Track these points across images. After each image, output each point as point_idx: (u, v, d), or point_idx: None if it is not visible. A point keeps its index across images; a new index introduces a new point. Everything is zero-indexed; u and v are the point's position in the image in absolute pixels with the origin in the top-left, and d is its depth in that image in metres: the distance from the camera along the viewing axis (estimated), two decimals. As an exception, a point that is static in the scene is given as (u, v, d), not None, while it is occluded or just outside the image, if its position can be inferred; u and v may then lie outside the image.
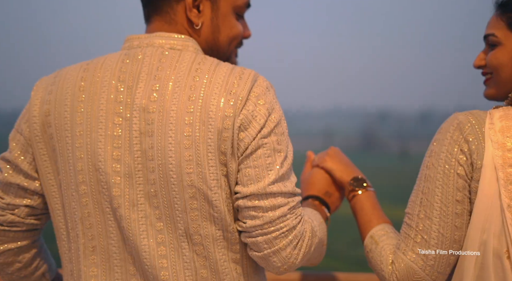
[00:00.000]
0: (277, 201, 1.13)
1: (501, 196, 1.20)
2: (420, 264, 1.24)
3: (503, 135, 1.22)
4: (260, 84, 1.15)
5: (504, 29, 1.29)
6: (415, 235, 1.24)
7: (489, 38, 1.31)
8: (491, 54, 1.31)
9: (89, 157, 1.15)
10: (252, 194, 1.12)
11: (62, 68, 1.23)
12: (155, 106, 1.13)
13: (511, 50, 1.28)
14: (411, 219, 1.25)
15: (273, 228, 1.13)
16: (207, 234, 1.14)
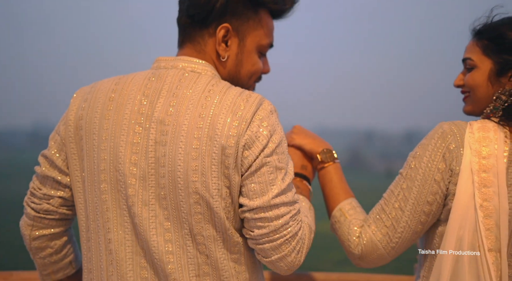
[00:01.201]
0: (280, 211, 1.26)
1: (475, 197, 1.36)
2: (384, 243, 1.43)
3: (480, 144, 1.39)
4: (265, 108, 1.27)
5: (480, 54, 1.46)
6: (386, 220, 1.42)
7: (467, 62, 1.49)
8: (468, 76, 1.48)
9: (111, 159, 1.29)
10: (258, 207, 1.25)
11: (99, 81, 1.39)
12: (170, 119, 1.27)
13: (485, 73, 1.45)
14: (387, 205, 1.43)
15: (278, 235, 1.27)
16: (208, 235, 1.27)
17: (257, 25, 1.37)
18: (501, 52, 1.43)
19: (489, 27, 1.47)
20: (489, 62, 1.45)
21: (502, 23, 1.45)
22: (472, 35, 1.51)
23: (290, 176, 1.29)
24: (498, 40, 1.44)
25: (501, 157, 1.38)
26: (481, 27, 1.49)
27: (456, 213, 1.38)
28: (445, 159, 1.39)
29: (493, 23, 1.48)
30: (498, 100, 1.44)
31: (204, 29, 1.35)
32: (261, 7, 1.37)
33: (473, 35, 1.50)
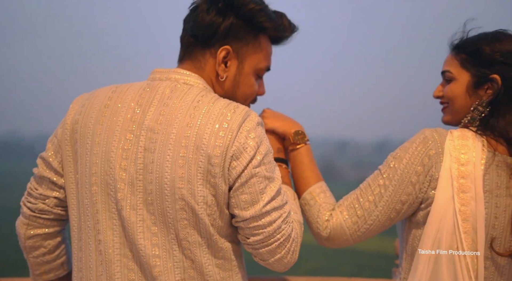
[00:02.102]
0: (272, 217, 1.31)
1: (455, 202, 1.44)
2: (352, 231, 1.50)
3: (459, 151, 1.46)
4: (252, 120, 1.32)
5: (458, 67, 1.54)
6: (359, 209, 1.49)
7: (446, 74, 1.57)
8: (447, 88, 1.56)
9: (102, 163, 1.34)
10: (251, 217, 1.31)
11: (99, 88, 1.44)
12: (160, 128, 1.31)
13: (463, 85, 1.53)
14: (362, 196, 1.50)
15: (272, 239, 1.33)
16: (194, 240, 1.31)
17: (256, 49, 1.43)
18: (478, 65, 1.51)
19: (466, 42, 1.55)
20: (467, 75, 1.53)
21: (479, 39, 1.54)
22: (451, 49, 1.59)
23: (278, 181, 1.34)
24: (475, 55, 1.52)
25: (478, 164, 1.45)
26: (459, 42, 1.57)
27: (434, 216, 1.45)
28: (424, 163, 1.46)
29: (470, 38, 1.56)
30: (476, 111, 1.52)
31: (206, 49, 1.40)
32: (261, 33, 1.43)
33: (451, 49, 1.58)
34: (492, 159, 1.47)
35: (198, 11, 1.40)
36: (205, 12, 1.39)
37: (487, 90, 1.51)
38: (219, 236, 1.33)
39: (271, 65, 1.50)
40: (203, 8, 1.40)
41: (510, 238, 1.46)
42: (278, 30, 1.44)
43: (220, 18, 1.38)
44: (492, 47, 1.50)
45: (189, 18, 1.43)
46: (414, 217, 1.51)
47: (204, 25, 1.38)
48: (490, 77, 1.50)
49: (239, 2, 1.38)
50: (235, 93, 1.44)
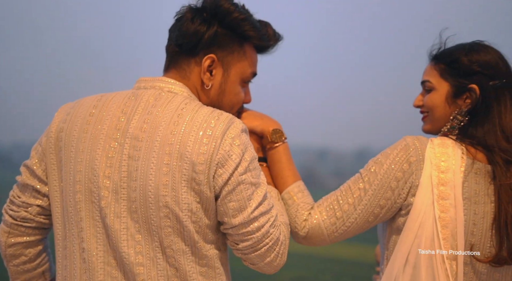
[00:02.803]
0: (260, 222, 1.33)
1: (435, 208, 1.46)
2: (330, 231, 1.52)
3: (439, 159, 1.49)
4: (236, 126, 1.33)
5: (437, 77, 1.57)
6: (338, 211, 1.51)
7: (425, 84, 1.60)
8: (427, 97, 1.59)
9: (87, 170, 1.34)
10: (240, 223, 1.32)
11: (84, 97, 1.45)
12: (144, 136, 1.32)
13: (443, 94, 1.56)
14: (342, 198, 1.52)
15: (261, 244, 1.35)
16: (178, 248, 1.32)
17: (241, 57, 1.44)
18: (457, 76, 1.55)
19: (444, 52, 1.59)
20: (446, 85, 1.56)
21: (457, 49, 1.57)
22: (430, 59, 1.62)
23: (264, 186, 1.35)
24: (454, 65, 1.55)
25: (458, 171, 1.48)
26: (437, 52, 1.60)
27: (412, 221, 1.47)
28: (404, 170, 1.49)
29: (448, 48, 1.59)
30: (455, 120, 1.55)
31: (191, 57, 1.41)
32: (246, 41, 1.44)
33: (431, 59, 1.61)
34: (471, 166, 1.50)
35: (183, 21, 1.42)
36: (189, 21, 1.40)
37: (465, 100, 1.54)
38: (204, 243, 1.34)
39: None
40: (187, 17, 1.41)
41: (489, 245, 1.48)
42: (262, 39, 1.46)
43: (205, 27, 1.39)
44: (470, 58, 1.54)
45: (174, 27, 1.44)
46: (395, 223, 1.53)
47: (189, 34, 1.39)
48: (468, 87, 1.53)
49: (223, 11, 1.40)
50: (221, 101, 1.44)
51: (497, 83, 1.52)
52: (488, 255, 1.48)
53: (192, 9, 1.42)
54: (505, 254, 1.47)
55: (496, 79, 1.52)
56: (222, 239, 1.39)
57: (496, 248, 1.47)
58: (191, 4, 1.43)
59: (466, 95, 1.54)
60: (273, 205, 1.39)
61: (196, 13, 1.41)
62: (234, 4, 1.42)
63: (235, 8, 1.41)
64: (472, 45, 1.57)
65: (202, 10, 1.41)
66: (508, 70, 1.55)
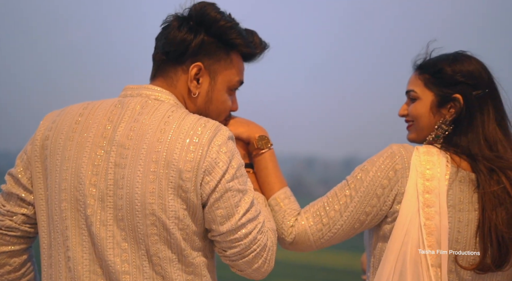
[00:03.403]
0: (247, 229, 1.33)
1: (420, 216, 1.48)
2: (316, 238, 1.53)
3: (424, 167, 1.51)
4: (223, 134, 1.33)
5: (422, 87, 1.59)
6: (324, 217, 1.52)
7: (410, 93, 1.62)
8: (412, 106, 1.61)
9: (72, 179, 1.34)
10: (228, 230, 1.32)
11: (70, 105, 1.44)
12: (130, 143, 1.32)
13: (427, 104, 1.58)
14: (328, 205, 1.53)
15: (249, 250, 1.35)
16: (164, 256, 1.31)
17: (228, 65, 1.44)
18: (441, 85, 1.57)
19: (429, 62, 1.61)
20: (431, 95, 1.58)
21: (440, 60, 1.59)
22: (414, 69, 1.64)
23: (251, 193, 1.36)
24: (438, 75, 1.57)
25: (442, 179, 1.50)
26: (422, 62, 1.62)
27: (399, 229, 1.49)
28: (389, 177, 1.50)
29: (432, 59, 1.62)
30: (440, 129, 1.57)
31: (177, 65, 1.42)
32: (233, 50, 1.45)
33: (415, 69, 1.64)
34: (455, 174, 1.51)
35: (170, 29, 1.42)
36: (176, 30, 1.41)
37: (450, 109, 1.56)
38: (191, 250, 1.34)
39: None
40: (174, 25, 1.41)
41: (472, 256, 1.49)
42: (249, 47, 1.46)
43: (191, 35, 1.40)
44: (454, 68, 1.56)
45: (160, 36, 1.44)
46: (381, 230, 1.54)
47: (176, 42, 1.40)
48: (452, 96, 1.55)
49: (210, 19, 1.41)
50: (208, 109, 1.45)
51: (480, 93, 1.54)
52: (473, 263, 1.50)
53: (178, 18, 1.43)
54: (489, 261, 1.48)
55: (479, 89, 1.55)
56: (209, 247, 1.39)
57: (480, 255, 1.49)
58: (178, 12, 1.44)
59: (450, 104, 1.56)
60: (260, 211, 1.39)
61: (183, 21, 1.41)
62: (221, 13, 1.43)
63: (222, 17, 1.42)
64: (455, 55, 1.60)
65: (189, 19, 1.42)
66: (491, 80, 1.58)
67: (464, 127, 1.54)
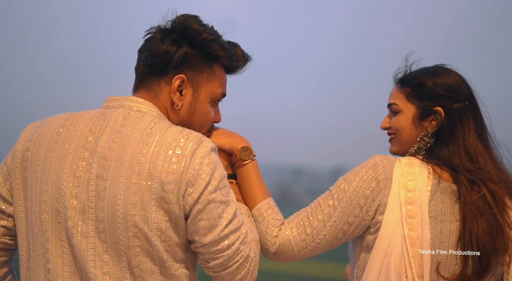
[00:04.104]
0: (230, 240, 1.34)
1: (403, 227, 1.50)
2: (299, 248, 1.54)
3: (406, 178, 1.53)
4: (206, 146, 1.33)
5: (404, 100, 1.62)
6: (308, 227, 1.54)
7: (392, 107, 1.65)
8: (394, 119, 1.63)
9: (53, 190, 1.34)
10: (210, 242, 1.33)
11: (51, 116, 1.44)
12: (113, 155, 1.32)
13: (409, 117, 1.61)
14: (312, 215, 1.54)
15: (232, 261, 1.36)
16: (146, 268, 1.31)
17: (211, 77, 1.45)
18: (422, 99, 1.59)
19: (410, 76, 1.64)
20: (412, 108, 1.60)
21: (421, 73, 1.62)
22: (395, 82, 1.67)
23: (233, 204, 1.37)
24: (419, 88, 1.60)
25: (424, 190, 1.52)
26: (403, 76, 1.65)
27: (382, 240, 1.51)
28: (372, 188, 1.52)
29: (413, 72, 1.65)
30: (422, 141, 1.59)
31: (160, 77, 1.42)
32: (215, 62, 1.46)
33: (396, 82, 1.66)
34: (437, 185, 1.54)
35: (153, 41, 1.42)
36: (159, 42, 1.41)
37: (431, 122, 1.58)
38: (173, 262, 1.34)
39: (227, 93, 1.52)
40: (157, 38, 1.42)
41: (455, 262, 1.52)
42: (231, 59, 1.47)
43: (174, 48, 1.40)
44: (434, 81, 1.59)
45: (143, 48, 1.45)
46: (365, 241, 1.56)
47: (159, 54, 1.40)
48: (433, 109, 1.58)
49: (192, 32, 1.41)
50: (191, 121, 1.45)
51: (460, 106, 1.57)
52: (454, 273, 1.51)
53: (161, 30, 1.43)
54: (470, 271, 1.50)
55: (459, 102, 1.57)
56: (191, 258, 1.39)
57: (461, 266, 1.51)
58: (161, 25, 1.45)
59: (432, 117, 1.58)
60: (243, 222, 1.40)
61: (166, 33, 1.42)
62: (204, 25, 1.44)
63: (205, 29, 1.43)
64: (435, 69, 1.63)
65: (172, 31, 1.42)
66: (470, 93, 1.60)
67: (445, 140, 1.57)
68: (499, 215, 1.51)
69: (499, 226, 1.51)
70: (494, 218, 1.51)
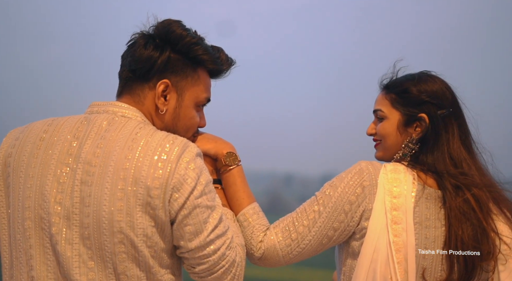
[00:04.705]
0: (216, 245, 1.34)
1: (389, 233, 1.51)
2: (285, 253, 1.54)
3: (391, 184, 1.54)
4: (191, 151, 1.33)
5: (389, 106, 1.63)
6: (293, 232, 1.54)
7: (377, 113, 1.66)
8: (380, 126, 1.65)
9: (36, 197, 1.32)
10: (196, 247, 1.33)
11: (33, 122, 1.43)
12: (97, 161, 1.31)
13: (394, 123, 1.62)
14: (297, 220, 1.55)
15: (218, 267, 1.36)
16: (132, 274, 1.31)
17: (195, 82, 1.45)
18: (407, 105, 1.61)
19: (395, 82, 1.65)
20: (397, 114, 1.62)
21: (406, 80, 1.64)
22: (381, 89, 1.68)
23: (219, 208, 1.36)
24: (404, 95, 1.61)
25: (409, 196, 1.53)
26: (388, 82, 1.67)
27: (368, 246, 1.51)
28: (357, 193, 1.53)
29: (398, 79, 1.66)
30: (407, 148, 1.61)
31: (144, 83, 1.42)
32: (199, 66, 1.46)
33: (382, 88, 1.68)
34: (421, 191, 1.54)
35: (136, 46, 1.42)
36: (142, 47, 1.41)
37: (416, 128, 1.60)
38: (159, 268, 1.33)
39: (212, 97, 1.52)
40: (140, 43, 1.42)
41: (440, 268, 1.53)
42: (215, 63, 1.47)
43: (157, 52, 1.40)
44: (419, 88, 1.60)
45: (126, 53, 1.45)
46: (350, 247, 1.56)
47: (142, 59, 1.40)
48: (418, 116, 1.59)
49: (176, 36, 1.41)
50: (176, 125, 1.45)
51: (444, 112, 1.58)
52: (440, 279, 1.52)
53: (144, 35, 1.43)
54: (455, 277, 1.51)
55: (444, 108, 1.59)
56: (177, 264, 1.39)
57: (446, 271, 1.51)
58: (143, 30, 1.45)
59: (416, 124, 1.60)
60: (229, 227, 1.39)
61: (149, 39, 1.42)
62: (186, 30, 1.43)
63: (187, 33, 1.42)
64: (420, 75, 1.64)
65: (155, 36, 1.42)
66: (454, 99, 1.62)
67: (430, 146, 1.58)
68: (484, 220, 1.52)
69: (484, 231, 1.52)
70: (479, 223, 1.52)
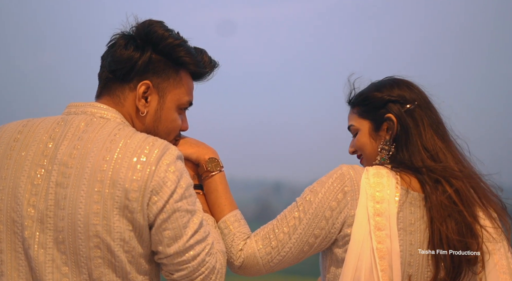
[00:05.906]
0: (195, 251, 1.31)
1: (372, 240, 1.48)
2: (265, 261, 1.52)
3: (374, 189, 1.51)
4: (172, 153, 1.30)
5: (357, 119, 1.66)
6: (273, 240, 1.51)
7: (350, 129, 1.68)
8: (355, 139, 1.66)
9: (9, 199, 1.29)
10: (175, 252, 1.29)
11: (8, 123, 1.40)
12: (74, 162, 1.27)
13: (366, 132, 1.64)
14: (277, 227, 1.52)
15: (197, 273, 1.32)
16: (108, 280, 1.27)
17: (177, 84, 1.43)
18: (373, 111, 1.62)
19: (357, 95, 1.67)
20: (367, 122, 1.63)
21: (367, 89, 1.66)
22: (349, 106, 1.70)
23: (199, 213, 1.33)
24: (366, 102, 1.63)
25: (392, 201, 1.51)
26: (351, 97, 1.69)
27: (352, 254, 1.48)
28: (338, 199, 1.50)
29: (360, 91, 1.67)
30: (383, 151, 1.60)
31: (125, 84, 1.39)
32: (182, 68, 1.43)
33: (349, 105, 1.70)
34: (405, 196, 1.52)
35: (116, 47, 1.40)
36: (123, 48, 1.39)
37: (388, 130, 1.59)
38: (136, 274, 1.29)
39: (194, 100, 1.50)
40: (120, 43, 1.40)
41: (426, 275, 1.50)
42: (198, 65, 1.45)
43: (138, 53, 1.38)
44: (381, 91, 1.62)
45: (107, 54, 1.42)
46: (333, 254, 1.53)
47: (122, 60, 1.38)
48: (384, 117, 1.59)
49: (157, 37, 1.39)
50: (157, 128, 1.42)
51: (410, 107, 1.59)
52: (427, 280, 1.49)
53: (125, 36, 1.41)
54: (443, 275, 1.49)
55: (408, 103, 1.59)
56: (155, 270, 1.35)
57: (433, 270, 1.49)
58: (124, 31, 1.43)
59: (386, 125, 1.60)
60: (209, 232, 1.36)
61: (130, 39, 1.40)
62: (169, 30, 1.41)
63: (170, 34, 1.40)
64: (380, 81, 1.67)
65: (136, 37, 1.40)
66: (419, 92, 1.62)
67: (403, 143, 1.57)
68: (466, 212, 1.51)
69: (467, 224, 1.51)
70: (461, 216, 1.51)
